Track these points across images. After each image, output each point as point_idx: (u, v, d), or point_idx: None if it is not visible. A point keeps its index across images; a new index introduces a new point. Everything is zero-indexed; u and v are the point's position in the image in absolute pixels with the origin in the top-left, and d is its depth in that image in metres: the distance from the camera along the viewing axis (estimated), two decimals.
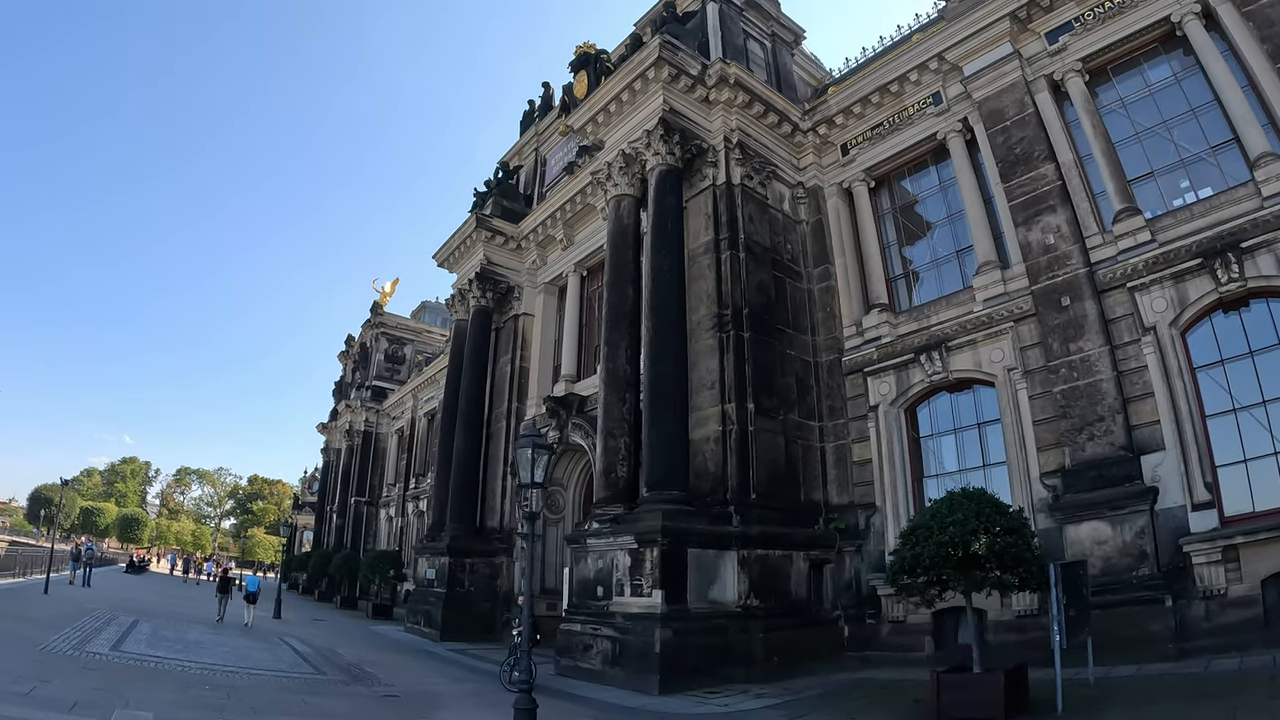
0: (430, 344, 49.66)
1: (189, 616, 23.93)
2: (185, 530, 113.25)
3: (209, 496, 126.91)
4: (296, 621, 26.79)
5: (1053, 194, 15.73)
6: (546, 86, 29.42)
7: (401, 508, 42.02)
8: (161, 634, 17.93)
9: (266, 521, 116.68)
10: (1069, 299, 15.08)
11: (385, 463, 47.09)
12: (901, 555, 11.20)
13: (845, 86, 20.28)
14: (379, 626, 27.85)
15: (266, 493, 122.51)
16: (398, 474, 44.58)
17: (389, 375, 48.43)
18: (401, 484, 42.97)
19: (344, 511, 46.90)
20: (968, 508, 10.86)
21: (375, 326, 49.16)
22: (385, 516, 44.65)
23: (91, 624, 17.79)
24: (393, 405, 46.50)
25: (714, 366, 17.16)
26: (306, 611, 31.37)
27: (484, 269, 26.35)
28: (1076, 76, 16.28)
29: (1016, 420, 15.75)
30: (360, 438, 47.41)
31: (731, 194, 18.58)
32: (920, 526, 11.12)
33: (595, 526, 16.50)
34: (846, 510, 18.05)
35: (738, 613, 15.35)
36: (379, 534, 44.79)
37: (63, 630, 15.84)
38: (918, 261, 19.46)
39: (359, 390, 48.73)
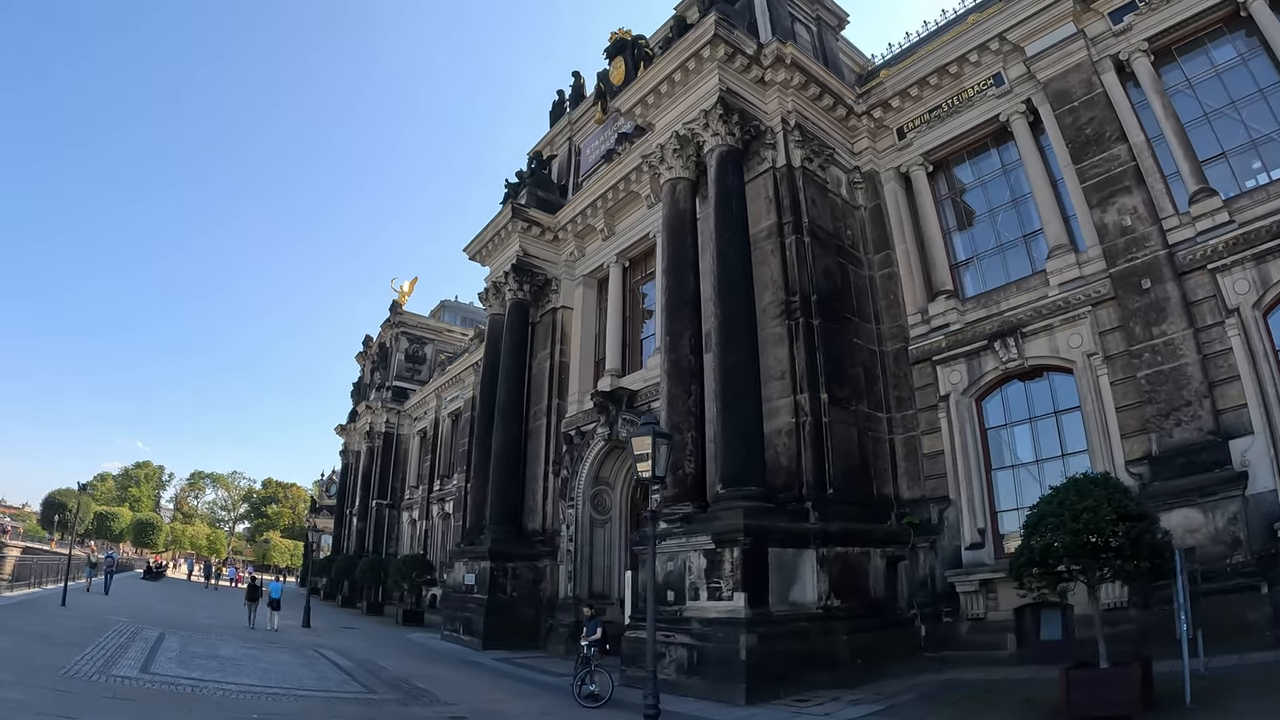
0: (451, 343, 48.91)
1: (216, 628, 23.01)
2: (200, 534, 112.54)
3: (223, 500, 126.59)
4: (326, 630, 26.08)
5: (1127, 175, 15.16)
6: (577, 76, 28.71)
7: (425, 510, 41.22)
8: (191, 650, 16.84)
9: (281, 525, 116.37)
10: (1149, 281, 14.50)
11: (407, 464, 46.28)
12: (1030, 546, 10.51)
13: (901, 69, 19.54)
14: (413, 634, 26.98)
15: (281, 496, 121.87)
16: (420, 476, 43.77)
17: (409, 375, 47.66)
18: (425, 486, 42.15)
19: (365, 515, 46.06)
20: (1098, 494, 10.26)
21: (395, 326, 48.33)
22: (408, 519, 43.85)
23: (115, 640, 16.71)
24: (414, 406, 45.68)
25: (783, 355, 16.45)
26: (333, 619, 30.61)
27: (520, 261, 25.54)
28: (1143, 57, 15.78)
29: (1098, 407, 15.10)
30: (381, 439, 46.58)
31: (792, 177, 17.88)
32: (1049, 515, 10.43)
33: (663, 527, 15.70)
34: (918, 505, 17.36)
35: (819, 614, 14.64)
36: (401, 537, 44.01)
37: (85, 649, 14.65)
38: (981, 246, 18.72)
39: (379, 391, 47.92)
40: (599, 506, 22.84)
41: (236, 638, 20.64)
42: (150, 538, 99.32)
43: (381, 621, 32.73)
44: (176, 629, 20.67)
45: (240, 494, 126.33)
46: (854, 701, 12.84)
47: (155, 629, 19.77)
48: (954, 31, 18.89)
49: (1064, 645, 14.49)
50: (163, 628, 20.33)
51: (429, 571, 32.00)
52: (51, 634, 16.72)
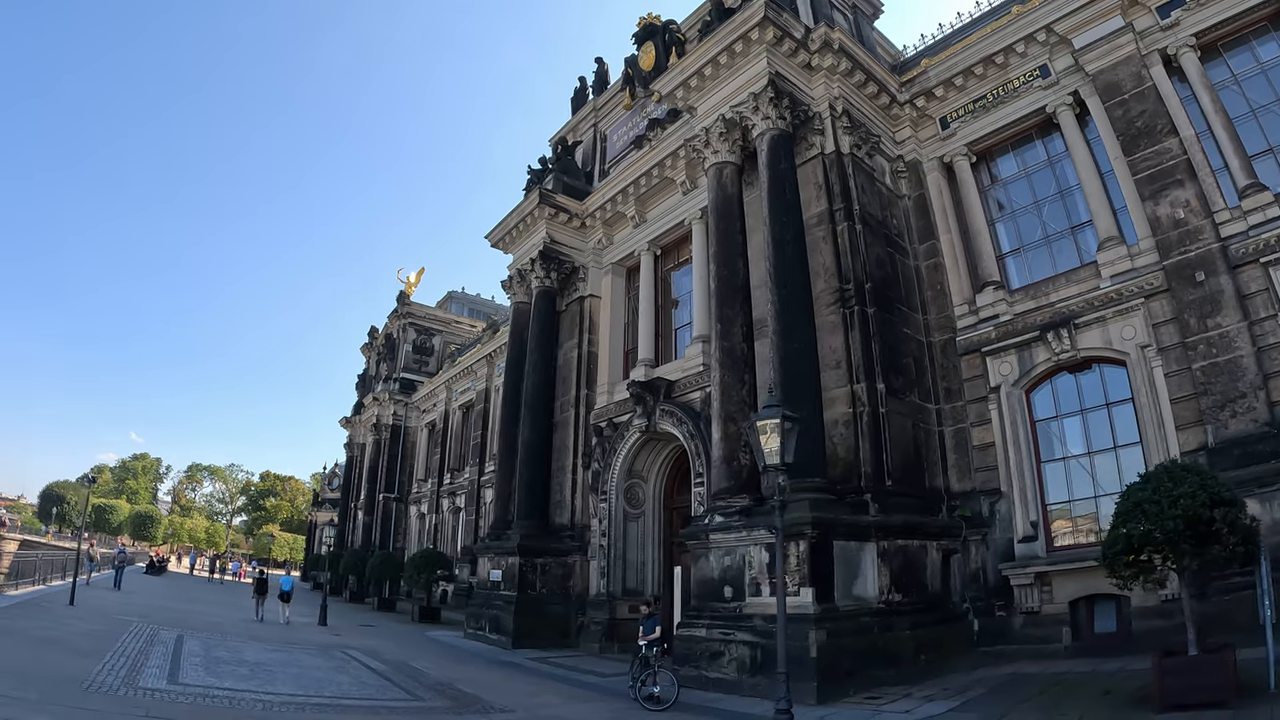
0: (460, 334, 48.39)
1: (232, 627, 22.42)
2: (199, 527, 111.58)
3: (220, 493, 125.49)
4: (345, 628, 25.49)
5: (1179, 168, 15.09)
6: (600, 62, 28.31)
7: (435, 504, 40.73)
8: (215, 655, 16.06)
9: (280, 518, 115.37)
10: (1203, 274, 14.46)
11: (415, 457, 45.69)
12: (1123, 534, 10.41)
13: (945, 58, 19.29)
14: (433, 632, 26.42)
15: (279, 489, 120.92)
16: (429, 469, 43.26)
17: (417, 367, 47.06)
18: (435, 479, 41.64)
19: (371, 508, 45.37)
20: (1192, 480, 10.18)
21: (402, 317, 47.66)
22: (416, 513, 43.32)
23: (133, 644, 15.86)
24: (423, 398, 45.11)
25: (838, 344, 16.20)
26: (348, 616, 30.02)
27: (547, 248, 25.05)
28: (1190, 52, 15.77)
29: (1153, 399, 14.98)
30: (388, 431, 45.93)
31: (841, 163, 17.62)
32: (1145, 501, 10.28)
33: (719, 520, 15.43)
34: (968, 497, 17.17)
35: (880, 609, 14.41)
36: (409, 532, 43.50)
37: (104, 657, 13.63)
38: (1026, 238, 18.53)
39: (386, 382, 47.21)
40: (632, 500, 22.48)
41: (256, 639, 20.00)
42: (149, 531, 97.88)
43: (396, 618, 32.18)
44: (193, 629, 20.06)
45: (238, 487, 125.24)
46: (927, 698, 12.62)
47: (171, 629, 19.14)
48: (998, 22, 18.60)
49: (1119, 638, 14.45)
50: (178, 628, 19.71)
51: (446, 567, 31.48)
52: (65, 639, 15.79)
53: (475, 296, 57.61)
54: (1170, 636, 12.61)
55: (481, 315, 52.04)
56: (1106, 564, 10.99)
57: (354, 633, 24.58)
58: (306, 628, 24.88)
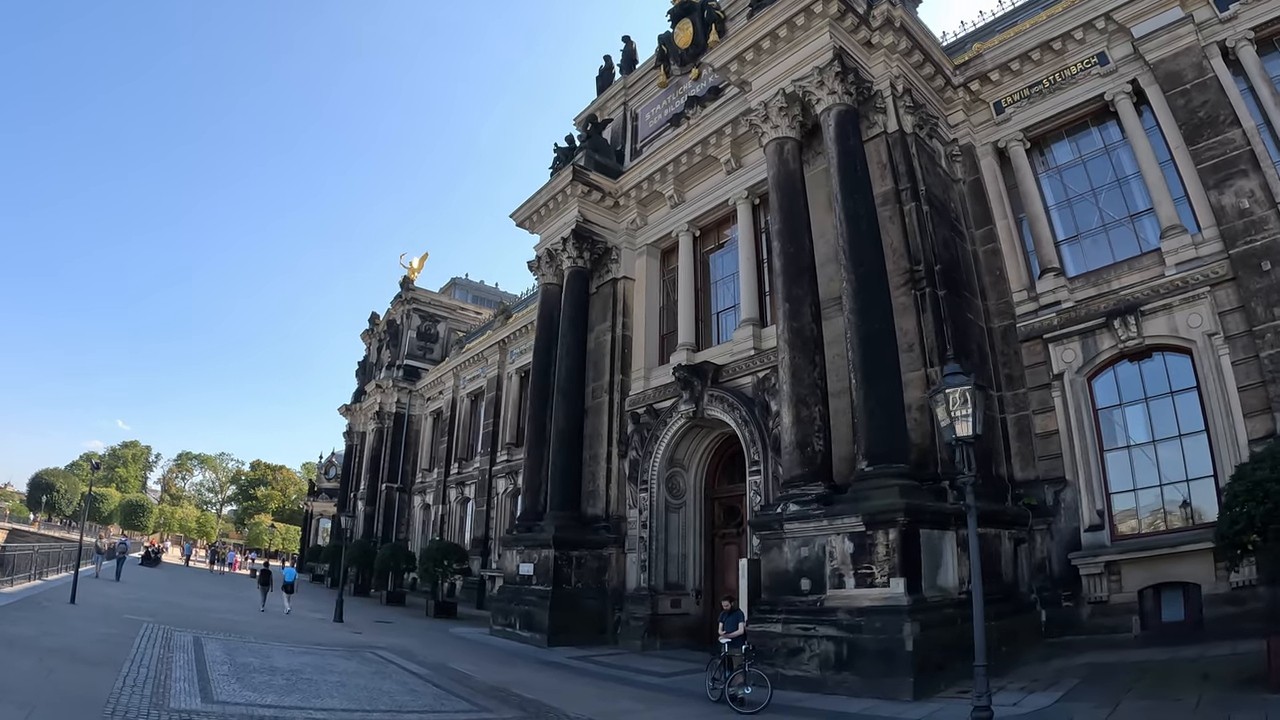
0: (465, 321, 47.54)
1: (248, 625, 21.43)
2: (189, 517, 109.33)
3: (210, 482, 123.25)
4: (362, 625, 24.57)
5: (1243, 158, 15.18)
6: (628, 40, 27.63)
7: (442, 494, 39.94)
8: (242, 661, 14.74)
9: (271, 508, 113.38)
10: (1269, 263, 14.56)
11: (419, 447, 44.84)
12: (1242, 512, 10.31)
13: (1001, 42, 19.08)
14: (456, 628, 25.61)
15: (270, 479, 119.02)
16: (434, 459, 42.40)
17: (421, 354, 46.13)
18: (441, 469, 40.79)
19: (373, 499, 44.49)
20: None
21: (406, 302, 46.62)
22: (420, 504, 42.54)
23: (149, 651, 14.48)
24: (428, 385, 44.25)
25: (910, 327, 15.87)
26: (358, 611, 28.84)
27: (580, 227, 24.35)
28: (1249, 45, 16.01)
29: (1220, 387, 14.93)
30: (391, 420, 45.03)
31: (905, 143, 17.30)
32: (1266, 481, 10.21)
33: (794, 509, 14.96)
34: (1033, 486, 16.98)
35: (961, 599, 14.05)
36: (413, 522, 42.72)
37: (121, 669, 12.17)
38: (1083, 225, 18.33)
39: (389, 369, 46.21)
40: (673, 490, 21.94)
41: (279, 639, 18.92)
42: (139, 520, 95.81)
43: (409, 613, 31.24)
44: (208, 629, 19.03)
45: (228, 476, 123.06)
46: (1023, 690, 12.33)
47: (185, 630, 18.10)
48: (1054, 8, 18.51)
49: (1188, 626, 14.39)
50: (192, 628, 18.72)
51: (461, 560, 30.69)
52: (74, 646, 14.30)
53: (479, 284, 56.56)
54: (1241, 623, 12.90)
55: (486, 302, 51.12)
56: (1225, 543, 10.84)
57: (374, 630, 23.74)
58: (322, 624, 24.10)
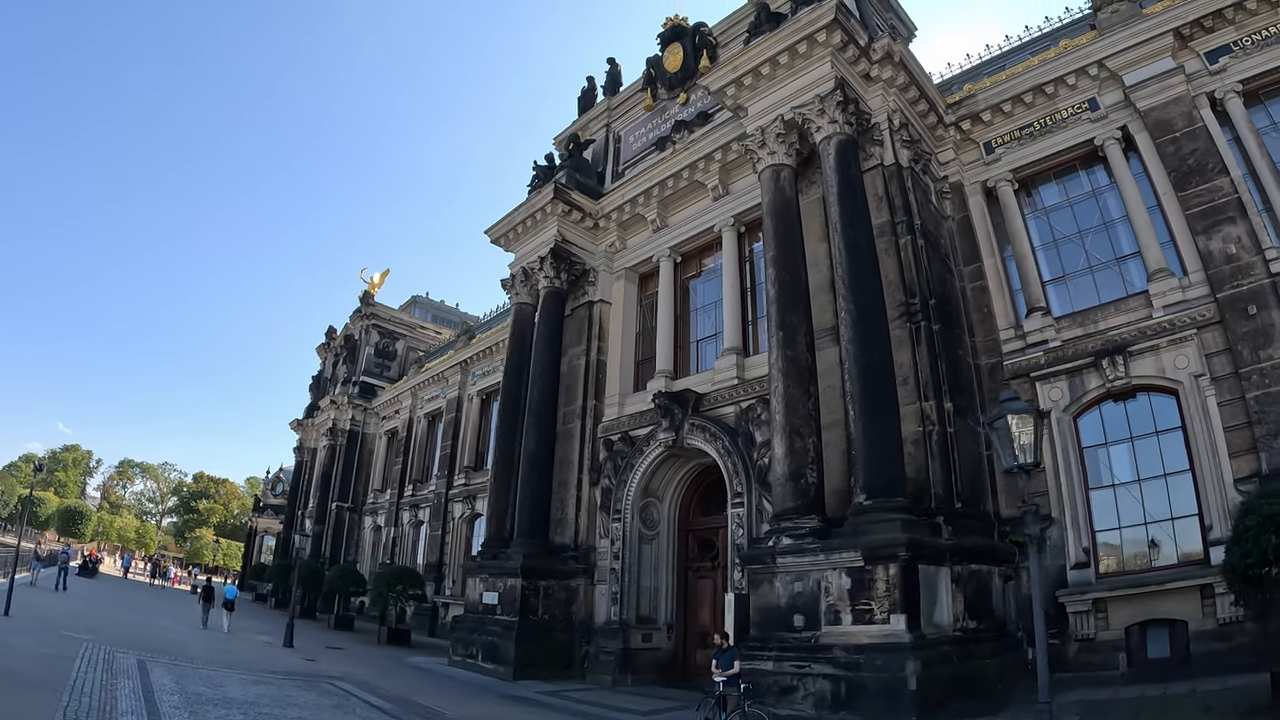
0: (424, 340, 46.44)
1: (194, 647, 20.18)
2: (129, 526, 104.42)
3: (151, 492, 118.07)
4: (314, 651, 23.31)
5: (1230, 205, 15.66)
6: (612, 62, 27.48)
7: (394, 516, 38.58)
8: (193, 690, 13.61)
9: (213, 522, 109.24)
10: (1255, 307, 14.93)
11: (372, 466, 43.40)
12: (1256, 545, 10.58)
13: (994, 84, 19.42)
14: (414, 658, 24.38)
15: (213, 492, 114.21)
16: (388, 479, 41.05)
17: (378, 371, 44.89)
18: (395, 490, 39.45)
19: (322, 518, 42.83)
20: None
21: (365, 318, 45.39)
22: (371, 525, 41.05)
23: (91, 675, 13.28)
24: (384, 404, 42.96)
25: (906, 360, 15.70)
26: (307, 635, 27.31)
27: (558, 247, 23.79)
28: (1236, 97, 16.61)
29: (1206, 427, 15.15)
30: (344, 437, 43.61)
31: (901, 176, 17.31)
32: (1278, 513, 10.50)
33: (787, 542, 14.59)
34: (1019, 523, 16.78)
35: (957, 636, 13.83)
36: (363, 544, 41.20)
37: (61, 695, 11.08)
38: (1069, 266, 18.57)
39: (345, 385, 44.89)
40: (647, 521, 21.30)
41: (229, 665, 17.64)
42: (77, 527, 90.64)
43: (359, 639, 29.84)
44: (152, 651, 17.79)
45: (169, 486, 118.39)
46: None
47: (128, 651, 16.90)
48: (1050, 52, 18.98)
49: (1174, 662, 14.39)
50: (136, 649, 17.53)
51: (417, 585, 29.50)
52: (10, 666, 13.20)
53: (440, 303, 55.41)
54: (1229, 659, 13.13)
55: (446, 322, 50.19)
56: (1235, 577, 11.03)
57: (327, 657, 22.50)
58: (272, 649, 22.89)
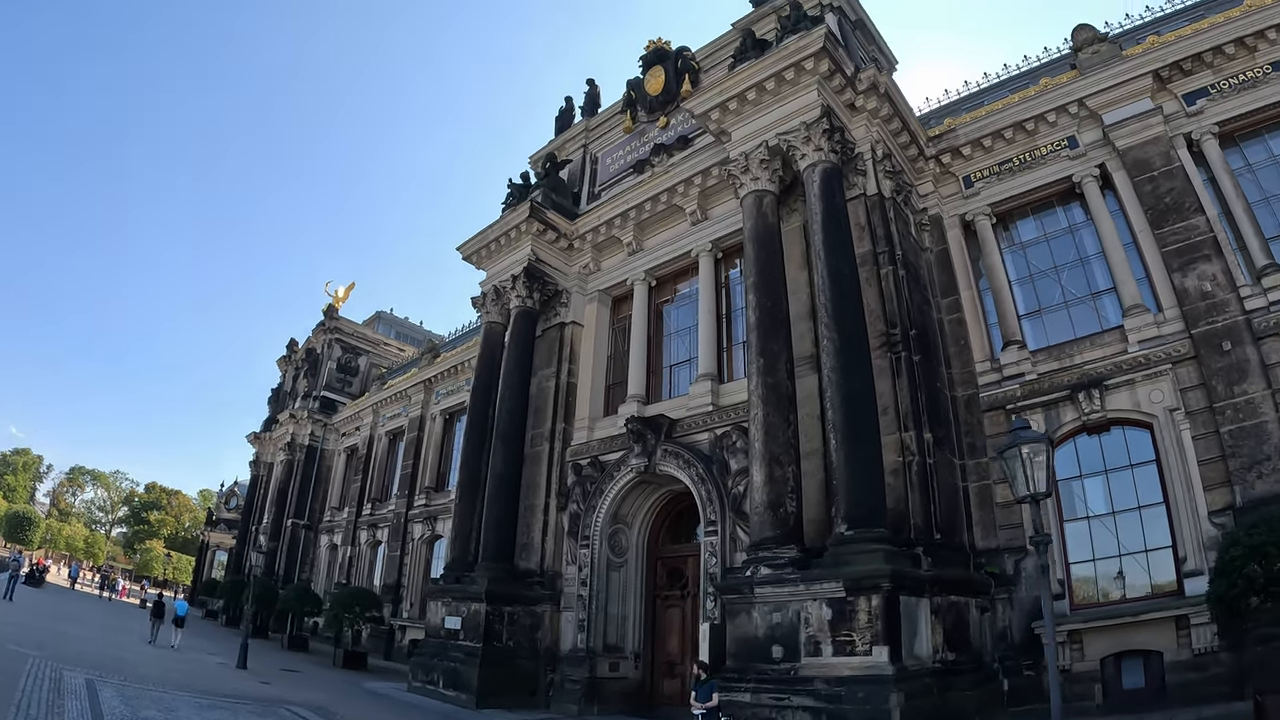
0: (387, 357, 45.55)
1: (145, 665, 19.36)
2: (78, 535, 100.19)
3: (102, 500, 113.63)
4: (268, 674, 22.44)
5: (1206, 244, 16.01)
6: (591, 84, 27.38)
7: (351, 536, 37.57)
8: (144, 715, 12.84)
9: (163, 534, 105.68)
10: (1230, 344, 15.23)
11: (330, 483, 42.28)
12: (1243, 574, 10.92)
13: (975, 119, 19.70)
14: (372, 684, 23.46)
15: (165, 503, 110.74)
16: (346, 497, 40.04)
17: (340, 387, 43.86)
18: (353, 509, 38.50)
19: (277, 534, 41.63)
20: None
21: (329, 332, 44.40)
22: (328, 544, 39.91)
23: (37, 695, 12.61)
24: (345, 420, 41.97)
25: (886, 390, 15.59)
26: (260, 656, 26.23)
27: (532, 266, 23.39)
28: (1212, 139, 17.08)
29: (1180, 460, 15.36)
30: (303, 452, 42.45)
31: (883, 206, 17.35)
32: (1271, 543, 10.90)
33: (766, 572, 14.31)
34: (994, 555, 16.84)
35: (936, 668, 13.63)
36: (318, 563, 40.04)
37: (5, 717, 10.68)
38: (1045, 300, 18.78)
39: (305, 399, 43.79)
40: (615, 548, 20.87)
41: (181, 687, 16.85)
42: (25, 534, 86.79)
43: (314, 660, 28.87)
44: (102, 670, 17.00)
45: (121, 496, 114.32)
46: None
47: (76, 669, 16.11)
48: (1031, 90, 19.33)
49: (1149, 693, 14.47)
50: (84, 666, 16.75)
51: (375, 608, 28.63)
52: None
53: (404, 320, 54.54)
54: (1204, 689, 13.31)
55: (410, 340, 49.46)
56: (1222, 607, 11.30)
57: (283, 681, 21.60)
58: (225, 670, 21.96)
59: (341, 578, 36.52)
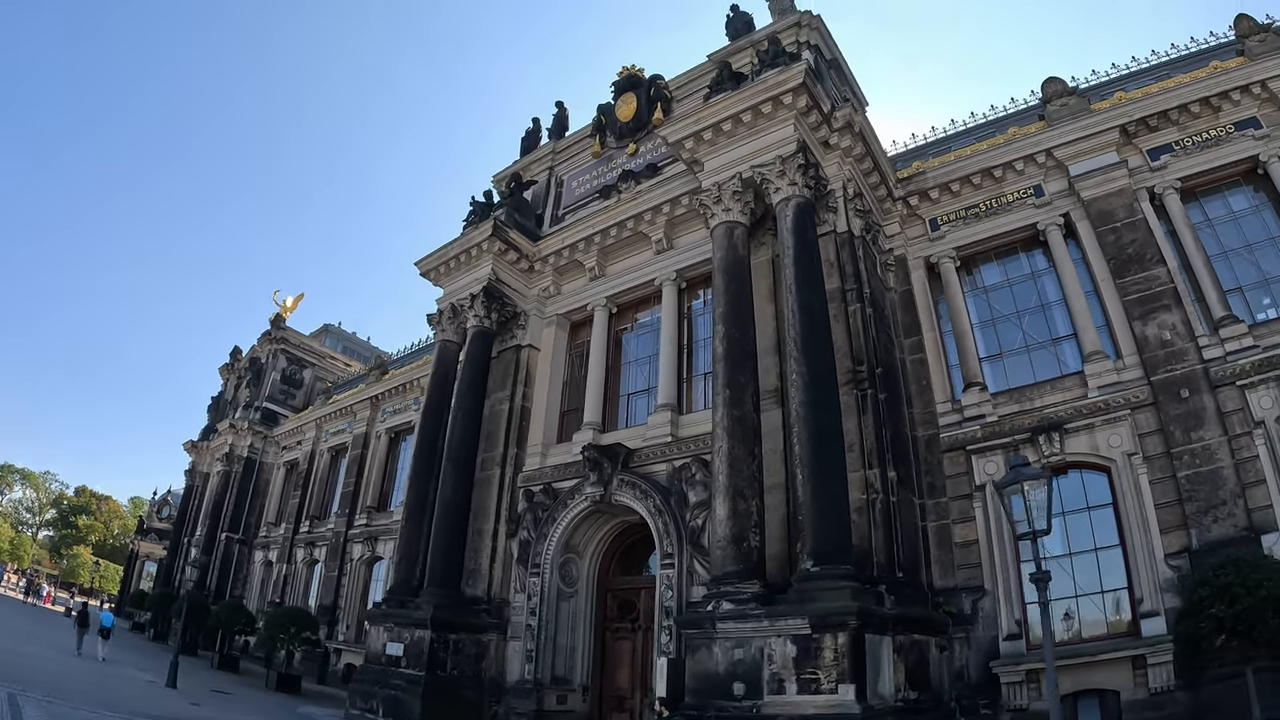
0: (333, 371, 44.35)
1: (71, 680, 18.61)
2: (3, 535, 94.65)
3: (30, 501, 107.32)
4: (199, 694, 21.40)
5: (1166, 294, 16.57)
6: (560, 106, 27.19)
7: (288, 553, 36.16)
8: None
9: (91, 540, 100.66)
10: (1187, 391, 15.75)
11: (268, 497, 40.83)
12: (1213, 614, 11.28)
13: (944, 164, 20.10)
14: (306, 708, 22.56)
15: (95, 508, 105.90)
16: (284, 513, 38.60)
17: (283, 399, 42.49)
18: (290, 525, 37.12)
19: (210, 547, 40.02)
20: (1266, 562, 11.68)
21: (275, 341, 43.06)
22: (263, 560, 38.39)
23: None
24: (287, 433, 40.63)
25: (853, 427, 15.49)
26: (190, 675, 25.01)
27: (491, 286, 22.88)
28: (1174, 194, 17.72)
29: (1138, 504, 15.65)
30: (241, 464, 40.98)
31: (853, 244, 17.42)
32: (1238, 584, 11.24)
33: (728, 607, 14.01)
34: (952, 594, 16.85)
35: (898, 706, 13.42)
36: (251, 579, 38.51)
37: None
38: (1006, 344, 19.07)
39: (247, 409, 42.30)
40: (566, 578, 20.32)
41: (110, 706, 16.05)
42: None
43: (245, 682, 27.62)
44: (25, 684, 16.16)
45: (50, 497, 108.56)
46: None
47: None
48: (1000, 138, 19.84)
49: None
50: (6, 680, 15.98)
51: (312, 629, 27.52)
52: None
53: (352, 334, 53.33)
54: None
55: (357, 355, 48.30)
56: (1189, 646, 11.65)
57: (214, 703, 20.66)
58: (154, 689, 21.00)
59: (276, 596, 35.18)
